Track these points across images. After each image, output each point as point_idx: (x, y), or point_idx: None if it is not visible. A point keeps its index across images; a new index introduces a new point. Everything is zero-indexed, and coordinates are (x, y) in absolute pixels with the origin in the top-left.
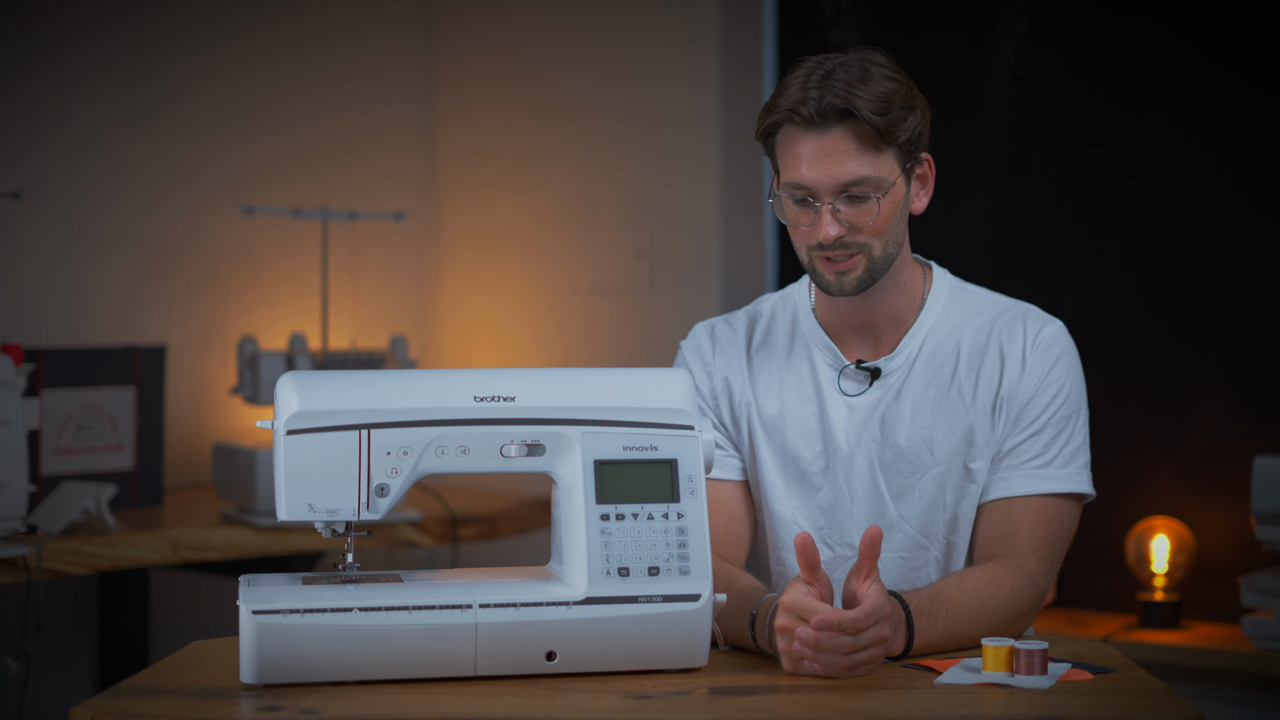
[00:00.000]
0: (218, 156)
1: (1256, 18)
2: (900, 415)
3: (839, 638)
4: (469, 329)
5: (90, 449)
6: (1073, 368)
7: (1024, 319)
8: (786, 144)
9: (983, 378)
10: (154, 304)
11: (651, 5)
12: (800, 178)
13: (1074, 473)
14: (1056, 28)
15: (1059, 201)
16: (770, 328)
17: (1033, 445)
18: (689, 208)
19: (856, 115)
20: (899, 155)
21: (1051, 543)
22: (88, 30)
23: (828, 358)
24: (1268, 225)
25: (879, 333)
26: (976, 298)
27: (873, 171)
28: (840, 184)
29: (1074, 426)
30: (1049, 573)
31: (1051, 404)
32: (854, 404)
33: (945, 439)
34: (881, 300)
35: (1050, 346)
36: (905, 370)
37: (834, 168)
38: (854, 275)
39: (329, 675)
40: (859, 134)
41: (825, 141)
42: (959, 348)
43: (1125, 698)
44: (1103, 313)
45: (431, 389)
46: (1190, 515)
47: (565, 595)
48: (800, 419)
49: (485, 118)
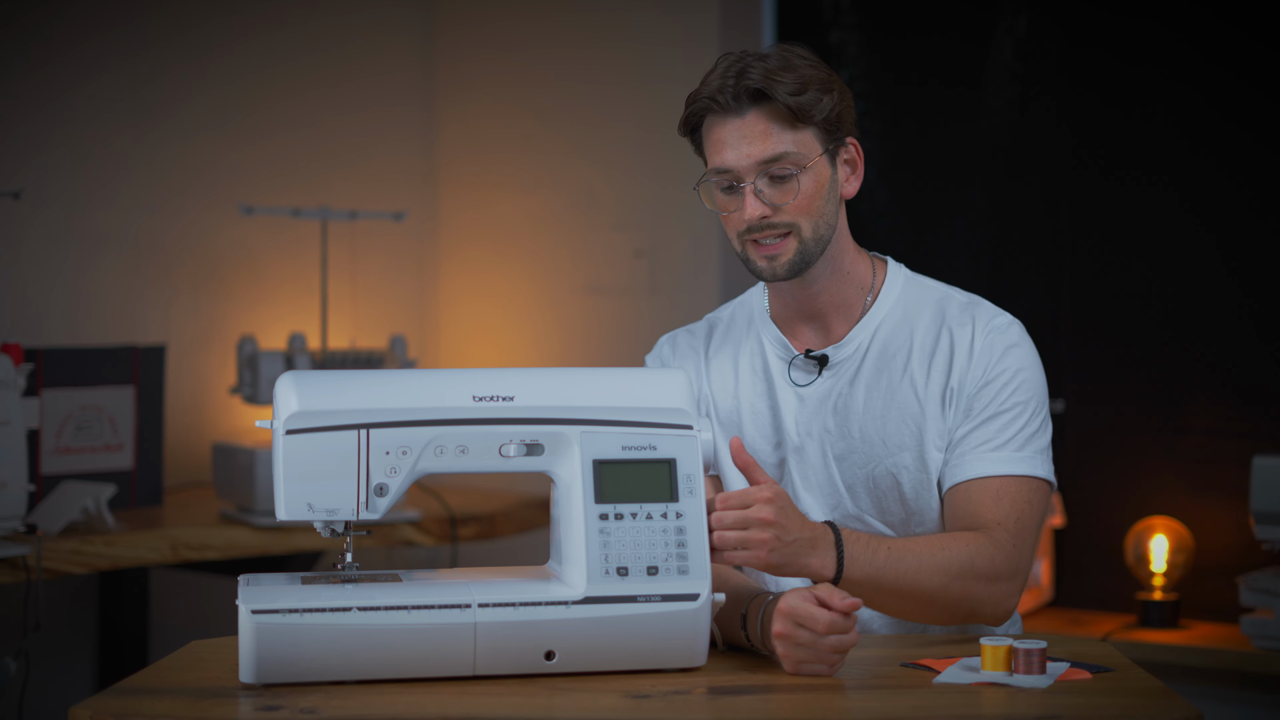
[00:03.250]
0: (217, 156)
1: (1256, 18)
2: (853, 406)
3: (808, 621)
4: (468, 329)
5: (90, 449)
6: (1024, 359)
7: (974, 311)
8: (709, 133)
9: (934, 368)
10: (154, 304)
11: (651, 5)
12: (722, 161)
13: (1029, 456)
14: (1056, 28)
15: (1057, 202)
16: (729, 328)
17: (984, 431)
18: (689, 208)
19: (771, 96)
20: (819, 134)
21: (1018, 519)
22: (88, 30)
23: (778, 349)
24: (1266, 225)
25: (828, 322)
26: (929, 290)
27: (790, 147)
28: (758, 161)
29: (1029, 414)
30: (1018, 545)
31: (1001, 392)
32: (804, 394)
33: (897, 429)
34: (824, 287)
35: (1000, 337)
36: (857, 361)
37: (752, 146)
38: (785, 259)
39: (328, 675)
40: (775, 114)
41: (743, 124)
42: (911, 338)
43: (1124, 697)
44: (1101, 313)
45: (431, 389)
46: (1189, 515)
47: (564, 595)
48: (755, 412)
49: (485, 118)
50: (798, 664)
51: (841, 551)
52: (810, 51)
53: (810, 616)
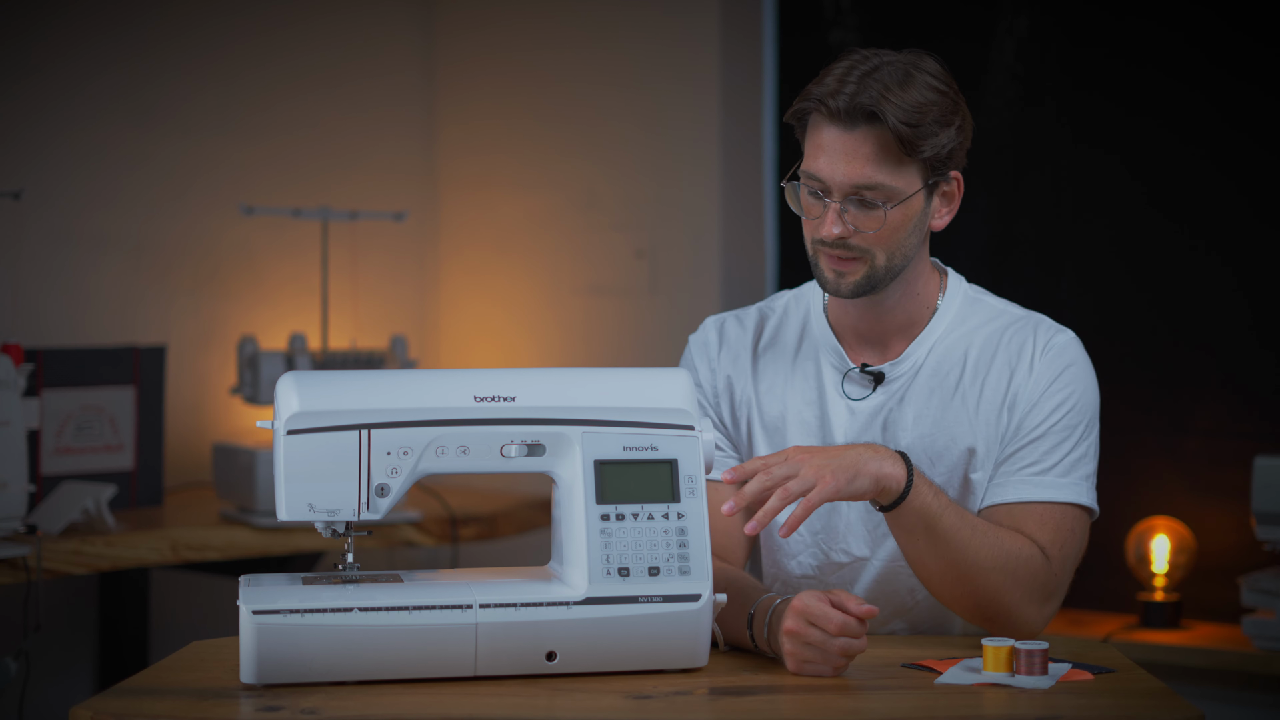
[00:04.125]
0: (218, 157)
1: (1256, 18)
2: (903, 422)
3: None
4: (469, 329)
5: (90, 449)
6: (1081, 379)
7: (1035, 329)
8: (813, 132)
9: (987, 387)
10: (154, 304)
11: (651, 5)
12: (817, 169)
13: (1073, 483)
14: (1057, 28)
15: (1059, 202)
16: (781, 326)
17: (1031, 452)
18: (689, 208)
19: (883, 120)
20: (922, 169)
21: (1061, 546)
22: (88, 30)
23: (833, 359)
24: (1267, 225)
25: (888, 338)
26: (988, 308)
27: (888, 180)
28: (852, 185)
29: (1078, 437)
30: (1060, 568)
31: (1055, 412)
32: (856, 408)
33: (947, 448)
34: (891, 309)
35: (1059, 355)
36: (910, 377)
37: (849, 168)
38: (851, 279)
39: (329, 675)
40: (882, 140)
41: (848, 139)
42: (965, 356)
43: (1125, 698)
44: (1102, 313)
45: (431, 389)
46: (1190, 515)
47: (565, 595)
48: (802, 421)
49: (485, 118)
50: (802, 663)
51: (910, 464)
52: (942, 68)
53: (824, 615)
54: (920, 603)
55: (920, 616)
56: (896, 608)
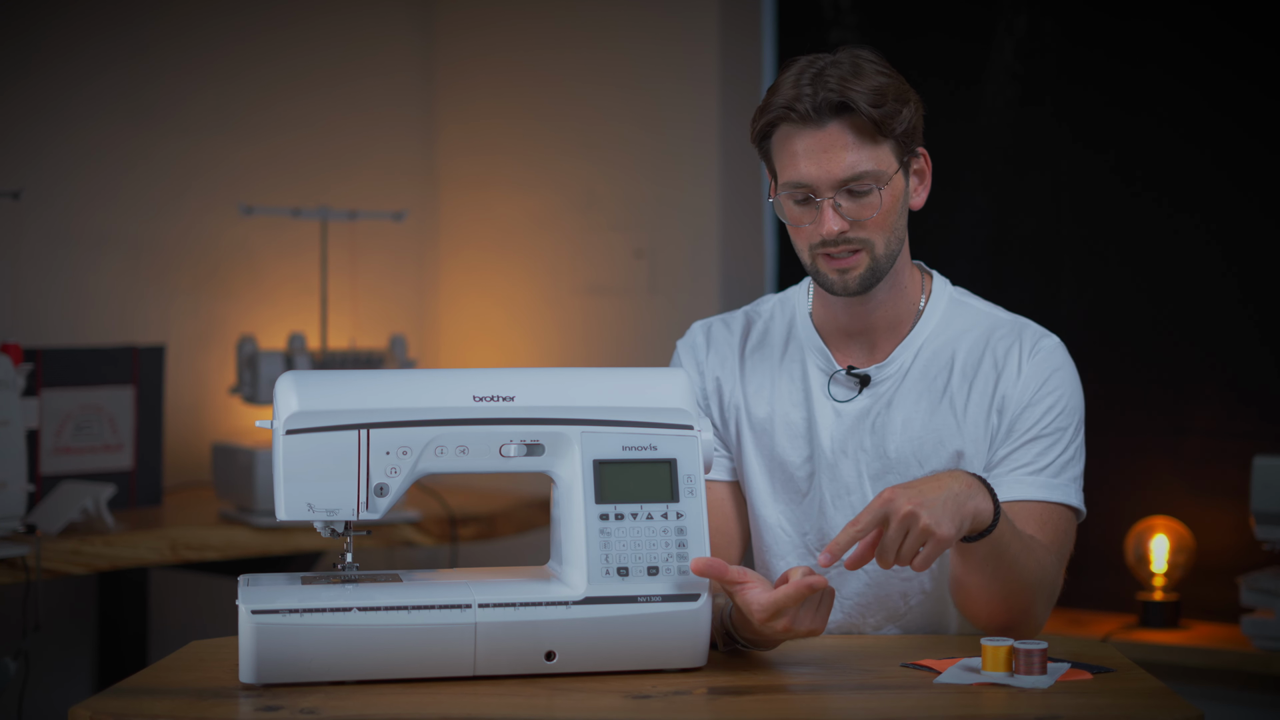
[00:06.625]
0: (217, 157)
1: (1256, 18)
2: (891, 425)
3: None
4: (468, 329)
5: (89, 449)
6: (1068, 382)
7: (1021, 332)
8: (783, 143)
9: (975, 390)
10: (153, 304)
11: (651, 5)
12: (800, 175)
13: (1064, 484)
14: (1055, 28)
15: (1058, 202)
16: (767, 329)
17: (1024, 454)
18: (688, 208)
19: (853, 108)
20: (896, 148)
21: (1061, 547)
22: (87, 30)
23: (820, 361)
24: (1267, 225)
25: (875, 338)
26: (974, 311)
27: (872, 164)
28: (840, 178)
29: (1068, 440)
30: (1061, 570)
31: (1045, 415)
32: (842, 410)
33: (935, 451)
34: (880, 303)
35: (1048, 359)
36: (898, 379)
37: (833, 162)
38: (857, 273)
39: (328, 675)
40: (856, 127)
41: (822, 136)
42: (953, 360)
43: (1125, 697)
44: (1101, 313)
45: (431, 389)
46: (1190, 515)
47: (564, 595)
48: (788, 423)
49: (485, 118)
50: (795, 629)
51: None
52: (879, 55)
53: (783, 600)
54: (914, 608)
55: (913, 621)
56: (890, 613)
